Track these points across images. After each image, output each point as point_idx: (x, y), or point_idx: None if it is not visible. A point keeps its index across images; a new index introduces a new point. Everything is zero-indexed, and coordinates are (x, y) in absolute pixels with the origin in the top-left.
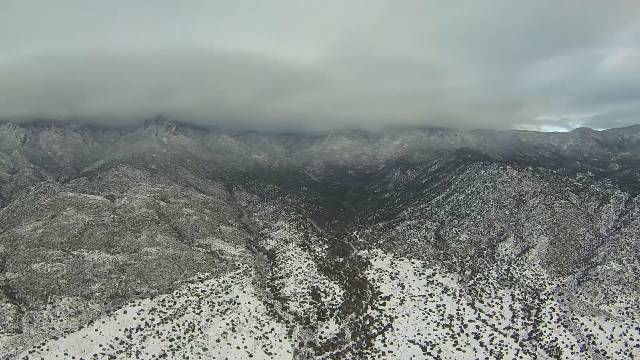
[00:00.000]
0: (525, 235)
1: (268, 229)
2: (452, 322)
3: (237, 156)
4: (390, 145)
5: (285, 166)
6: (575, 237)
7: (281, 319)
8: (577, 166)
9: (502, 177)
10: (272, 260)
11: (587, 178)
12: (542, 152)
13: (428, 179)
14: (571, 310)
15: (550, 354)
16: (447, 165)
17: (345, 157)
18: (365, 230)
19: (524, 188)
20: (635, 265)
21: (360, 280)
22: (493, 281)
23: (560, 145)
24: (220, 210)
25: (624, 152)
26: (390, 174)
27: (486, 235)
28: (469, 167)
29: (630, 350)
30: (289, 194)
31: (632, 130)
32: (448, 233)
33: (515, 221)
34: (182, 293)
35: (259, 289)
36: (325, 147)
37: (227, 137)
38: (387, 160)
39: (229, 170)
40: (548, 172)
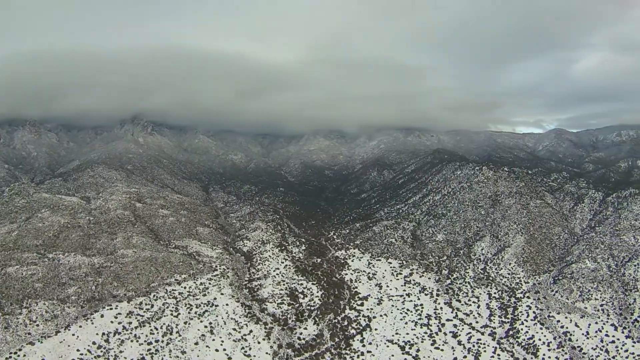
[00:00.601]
0: (501, 235)
1: (245, 230)
2: (430, 322)
3: (213, 156)
4: (367, 146)
5: (262, 166)
6: (551, 236)
7: (259, 321)
8: (552, 166)
9: (478, 177)
10: (250, 261)
11: (562, 178)
12: (518, 153)
13: (405, 180)
14: (547, 308)
15: (527, 351)
16: (424, 166)
17: (322, 157)
18: (343, 230)
19: (500, 188)
20: (609, 264)
21: (338, 280)
22: (470, 280)
23: (535, 145)
24: (197, 211)
25: (598, 153)
26: (367, 175)
27: (462, 235)
28: (445, 168)
29: (606, 346)
30: (265, 195)
31: (606, 132)
32: (425, 233)
33: (491, 221)
34: (159, 296)
35: (237, 290)
36: (302, 147)
37: (204, 137)
38: (364, 160)
39: (205, 170)
40: (523, 172)
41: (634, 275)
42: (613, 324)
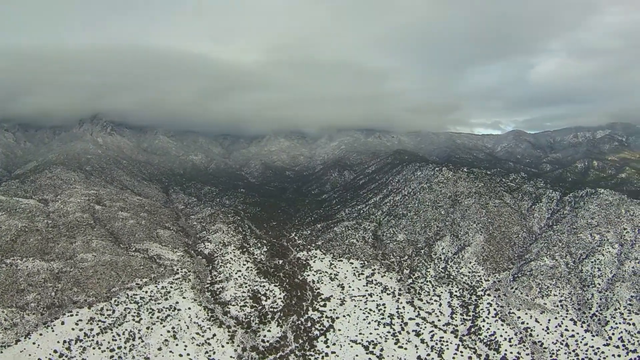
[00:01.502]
0: (461, 234)
1: (206, 232)
2: (393, 321)
3: (174, 157)
4: (328, 147)
5: (223, 167)
6: (510, 235)
7: (223, 324)
8: (511, 167)
9: (438, 178)
10: (211, 264)
11: (520, 178)
12: (477, 154)
13: (365, 180)
14: (508, 305)
15: (489, 347)
16: (384, 167)
17: (283, 158)
18: (304, 231)
19: (460, 189)
20: (567, 261)
21: (300, 282)
22: (431, 279)
23: (494, 146)
24: (157, 213)
25: (555, 154)
26: (328, 175)
27: (423, 234)
28: (406, 169)
29: (566, 341)
30: (226, 196)
31: (563, 133)
32: (386, 233)
33: (451, 221)
34: (120, 301)
35: (199, 294)
36: (263, 148)
37: (164, 138)
38: (325, 161)
39: (165, 171)
40: (482, 173)
41: (592, 272)
42: (572, 319)
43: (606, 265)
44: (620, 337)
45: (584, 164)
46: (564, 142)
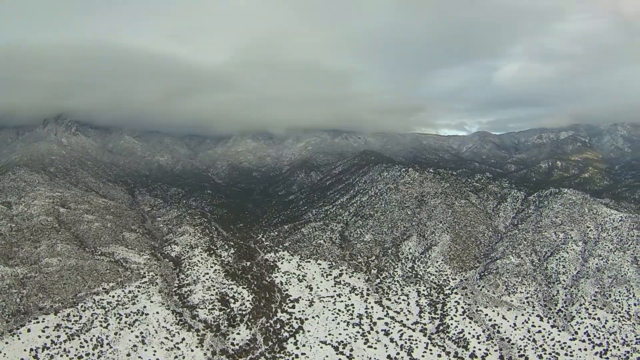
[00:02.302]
0: (427, 234)
1: (173, 235)
2: (362, 321)
3: (139, 158)
4: (295, 147)
5: (189, 168)
6: (475, 234)
7: (191, 328)
8: (476, 167)
9: (404, 178)
10: (178, 267)
11: (485, 179)
12: (443, 154)
13: (332, 181)
14: (475, 303)
15: (458, 345)
16: (351, 167)
17: (250, 159)
18: (271, 233)
19: (426, 189)
20: (532, 259)
21: (268, 283)
22: (399, 279)
23: (460, 147)
24: (122, 215)
25: (520, 154)
26: (295, 176)
27: (390, 235)
28: (372, 169)
29: (533, 336)
30: (193, 198)
31: (528, 134)
32: (353, 234)
33: (417, 221)
34: (87, 306)
35: (167, 297)
36: (230, 148)
37: (130, 138)
38: (292, 162)
39: (131, 173)
40: (448, 173)
41: (556, 269)
42: (539, 315)
43: (571, 263)
44: (586, 331)
45: (548, 164)
46: (528, 143)
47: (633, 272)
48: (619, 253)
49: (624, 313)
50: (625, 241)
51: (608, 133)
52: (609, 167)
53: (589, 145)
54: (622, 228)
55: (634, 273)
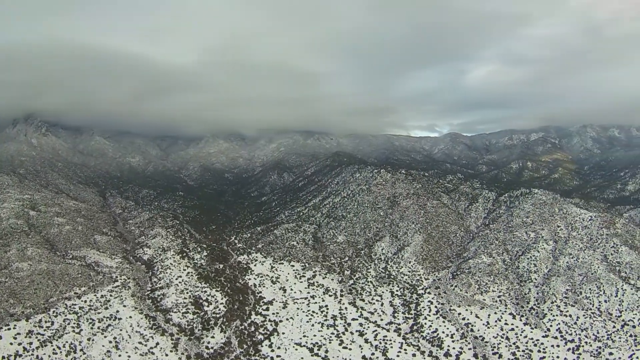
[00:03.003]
0: (400, 235)
1: (145, 237)
2: (336, 322)
3: (110, 159)
4: (267, 149)
5: (161, 170)
6: (448, 234)
7: (165, 332)
8: (448, 168)
9: (376, 180)
10: (151, 270)
11: (457, 179)
12: (415, 155)
13: (305, 182)
14: (448, 302)
15: (432, 344)
16: (323, 169)
17: (222, 160)
18: (244, 235)
19: (398, 190)
20: (504, 258)
21: (242, 286)
22: (372, 280)
23: (431, 148)
24: (94, 218)
25: (491, 155)
26: (267, 177)
27: (363, 235)
28: (345, 171)
29: (506, 334)
30: (165, 199)
31: (499, 136)
32: (326, 235)
33: (390, 221)
34: (59, 312)
35: (140, 301)
36: (202, 150)
37: (101, 139)
38: (264, 163)
39: (102, 174)
40: (420, 174)
41: (528, 268)
42: (511, 313)
43: (542, 261)
44: (558, 328)
45: (519, 165)
46: (499, 144)
47: (603, 270)
48: (589, 251)
49: (594, 310)
50: (595, 240)
51: (577, 134)
52: (579, 167)
53: (558, 146)
54: (592, 227)
55: (604, 271)
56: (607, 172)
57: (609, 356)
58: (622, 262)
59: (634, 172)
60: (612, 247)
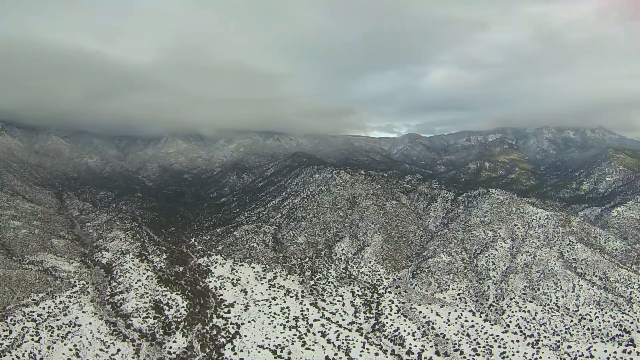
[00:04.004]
0: (360, 235)
1: (103, 240)
2: (298, 323)
3: (67, 160)
4: (226, 149)
5: (119, 170)
6: (407, 234)
7: (126, 338)
8: (407, 169)
9: (336, 180)
10: (110, 274)
11: (416, 180)
12: (374, 156)
13: (264, 183)
14: (409, 301)
15: (394, 342)
16: (283, 169)
17: (181, 160)
18: (204, 236)
19: (357, 191)
20: (463, 256)
21: (203, 289)
22: (333, 280)
23: (390, 149)
24: (50, 221)
25: (449, 156)
26: (227, 178)
27: (323, 236)
28: (304, 171)
29: (466, 331)
30: (123, 201)
31: (457, 137)
32: (286, 236)
33: (349, 222)
34: (17, 319)
35: (99, 307)
36: (161, 150)
37: (57, 139)
38: (223, 164)
39: (59, 175)
40: (379, 175)
41: (486, 266)
42: (471, 310)
43: (500, 259)
44: (517, 324)
45: (477, 166)
46: (457, 145)
47: (559, 267)
48: (545, 249)
49: (552, 305)
50: (551, 238)
51: (534, 136)
52: (535, 168)
53: (515, 147)
54: (548, 225)
55: (561, 267)
56: (563, 172)
57: (568, 349)
58: (578, 258)
59: (589, 172)
60: (568, 244)
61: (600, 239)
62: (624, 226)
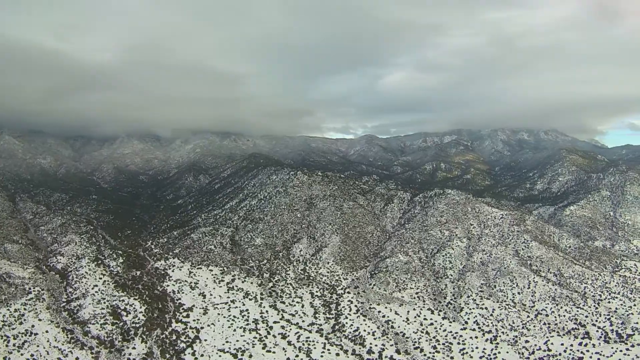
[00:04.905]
0: (317, 236)
1: (58, 245)
2: (258, 326)
3: (20, 160)
4: (183, 150)
5: (74, 172)
6: (365, 234)
7: (84, 346)
8: (364, 170)
9: (293, 181)
10: (66, 280)
11: (373, 181)
12: (331, 157)
13: (221, 184)
14: (368, 301)
15: (355, 342)
16: (240, 170)
17: (137, 161)
18: (160, 239)
19: (315, 192)
20: (420, 256)
21: (161, 293)
22: (291, 281)
23: (347, 150)
24: (3, 225)
25: (405, 157)
26: (183, 180)
27: (280, 238)
28: (261, 172)
29: (426, 329)
30: (78, 204)
31: (413, 138)
32: (243, 238)
33: (307, 223)
34: None
35: (56, 314)
36: (116, 150)
37: (10, 139)
38: (180, 165)
39: (11, 177)
40: (337, 176)
41: (444, 265)
42: (429, 309)
43: (456, 258)
44: (476, 320)
45: (433, 166)
46: (414, 146)
47: (515, 264)
48: (501, 247)
49: (509, 302)
50: (506, 236)
51: (489, 137)
52: (490, 168)
53: (471, 148)
54: (503, 224)
55: (516, 265)
56: (517, 173)
57: (525, 344)
58: (533, 256)
59: (542, 172)
60: (523, 242)
61: (554, 237)
62: (577, 224)
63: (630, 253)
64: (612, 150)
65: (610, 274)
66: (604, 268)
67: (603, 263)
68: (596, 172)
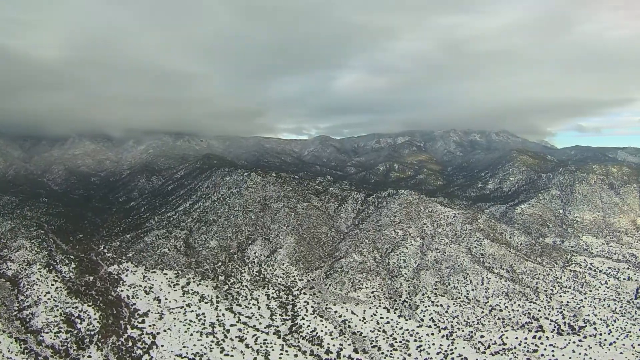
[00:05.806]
0: (272, 237)
1: (7, 250)
2: (215, 329)
3: None
4: (135, 150)
5: (23, 173)
6: (319, 235)
7: (38, 356)
8: (318, 170)
9: (247, 183)
10: (16, 287)
11: (326, 181)
12: (285, 158)
13: (174, 186)
14: (324, 301)
15: (312, 343)
16: (193, 172)
17: (88, 162)
18: (113, 243)
19: (269, 193)
20: (374, 255)
21: (115, 298)
22: (247, 284)
23: (301, 151)
24: None
25: (359, 158)
26: (136, 181)
27: (235, 240)
28: (215, 174)
29: (382, 327)
30: (28, 207)
31: (367, 139)
32: (197, 240)
33: (261, 225)
34: None
35: (7, 323)
36: (67, 151)
37: None
38: (132, 166)
39: None
40: (290, 177)
41: (398, 264)
42: (385, 307)
43: (411, 257)
44: (431, 317)
45: (386, 167)
46: (367, 147)
47: (468, 262)
48: (454, 245)
49: (463, 298)
50: (459, 235)
51: (441, 138)
52: (443, 169)
53: (424, 149)
54: (456, 223)
55: (469, 262)
56: (469, 173)
57: (481, 339)
58: (486, 253)
59: (494, 172)
60: (476, 240)
61: (505, 235)
62: (528, 222)
63: (580, 249)
64: (562, 151)
65: (561, 269)
66: (555, 264)
67: (554, 259)
68: (546, 171)
